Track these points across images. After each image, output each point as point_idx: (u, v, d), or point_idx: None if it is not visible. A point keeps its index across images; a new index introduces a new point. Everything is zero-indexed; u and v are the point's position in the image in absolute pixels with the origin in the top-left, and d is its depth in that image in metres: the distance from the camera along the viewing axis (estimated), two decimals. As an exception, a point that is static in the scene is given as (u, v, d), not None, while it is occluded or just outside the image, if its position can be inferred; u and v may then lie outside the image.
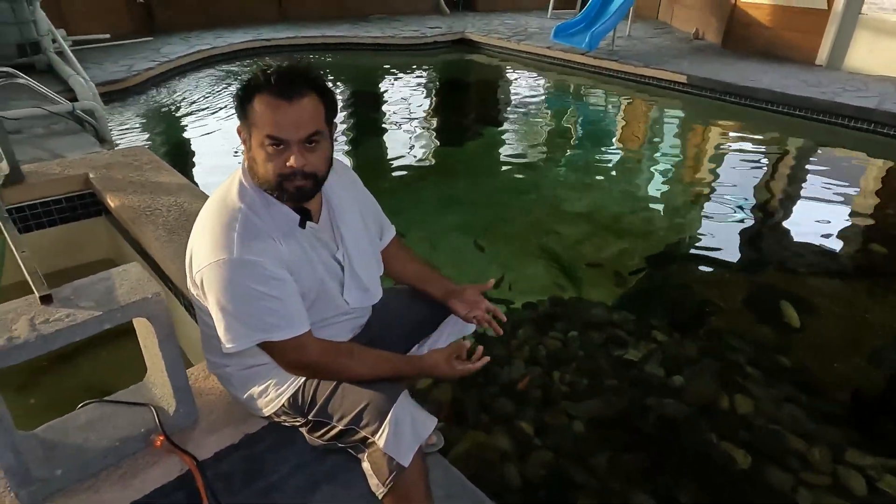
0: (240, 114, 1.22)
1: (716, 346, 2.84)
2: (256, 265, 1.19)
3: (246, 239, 1.19)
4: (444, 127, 6.29)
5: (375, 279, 1.48)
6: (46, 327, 1.16)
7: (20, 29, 5.68)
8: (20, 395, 2.23)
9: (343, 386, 1.29)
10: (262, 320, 1.21)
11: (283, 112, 1.16)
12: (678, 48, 7.72)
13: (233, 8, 9.46)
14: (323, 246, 1.35)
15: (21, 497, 1.23)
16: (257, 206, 1.25)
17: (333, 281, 1.37)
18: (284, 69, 1.19)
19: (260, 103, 1.17)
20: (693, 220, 4.18)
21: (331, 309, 1.38)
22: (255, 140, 1.20)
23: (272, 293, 1.21)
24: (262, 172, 1.21)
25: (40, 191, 2.79)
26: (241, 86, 1.21)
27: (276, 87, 1.16)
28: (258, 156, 1.21)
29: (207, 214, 1.26)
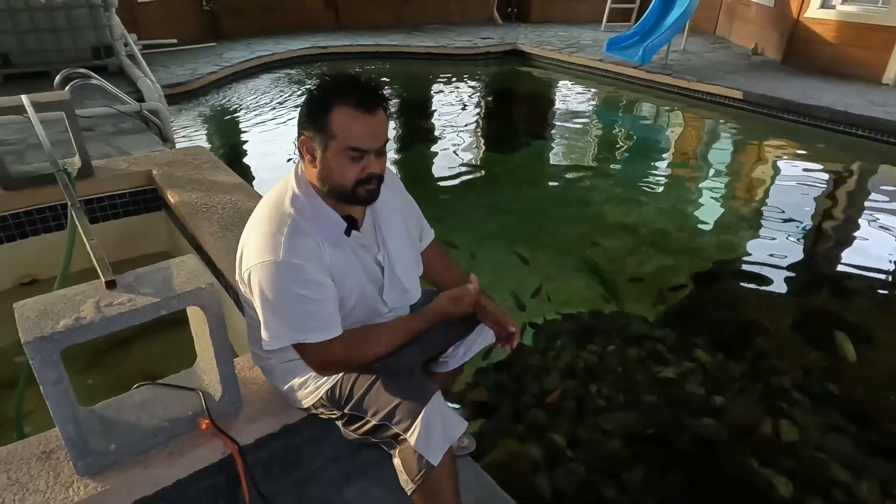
0: (310, 123, 1.25)
1: (761, 368, 2.76)
2: (300, 268, 1.25)
3: (292, 243, 1.25)
4: (491, 136, 6.33)
5: (415, 280, 1.52)
6: (110, 310, 1.25)
7: (96, 33, 6.04)
8: (83, 375, 2.38)
9: (379, 382, 1.34)
10: (300, 322, 1.27)
11: (366, 124, 1.23)
12: (735, 64, 7.53)
13: (293, 16, 9.78)
14: (365, 250, 1.40)
15: (79, 467, 1.32)
16: (307, 213, 1.30)
17: (374, 283, 1.42)
18: (364, 83, 1.24)
19: (343, 115, 1.22)
20: (743, 239, 4.06)
21: (371, 309, 1.43)
22: (333, 149, 1.24)
23: (312, 296, 1.26)
24: (340, 180, 1.27)
25: (108, 185, 2.97)
26: (314, 96, 1.25)
27: (358, 100, 1.22)
28: (336, 164, 1.25)
29: (259, 216, 1.33)
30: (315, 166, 1.29)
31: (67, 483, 1.32)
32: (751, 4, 8.38)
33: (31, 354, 1.16)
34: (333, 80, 1.24)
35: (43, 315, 1.22)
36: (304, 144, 1.28)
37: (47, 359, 1.18)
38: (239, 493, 1.43)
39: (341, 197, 1.30)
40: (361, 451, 1.64)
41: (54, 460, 1.37)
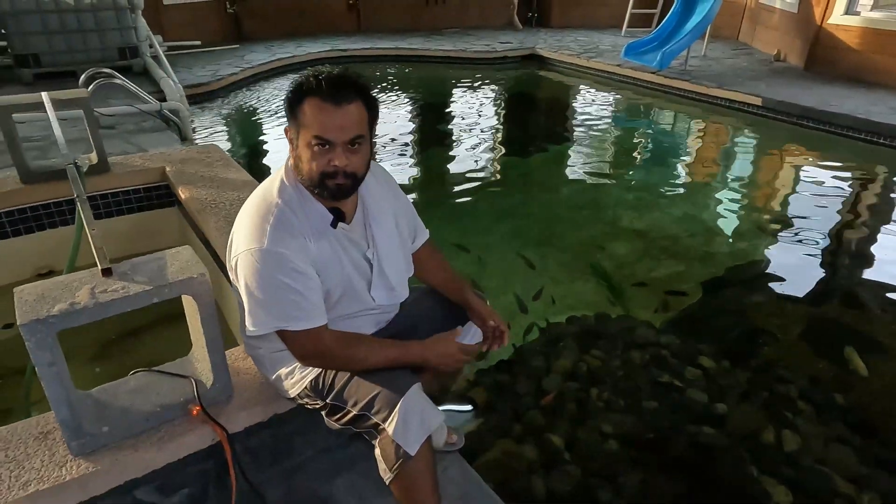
0: (289, 114, 1.31)
1: (766, 377, 2.72)
2: (283, 257, 1.28)
3: (277, 232, 1.29)
4: (507, 140, 6.34)
5: (403, 280, 1.54)
6: (104, 296, 1.29)
7: (122, 34, 6.20)
8: (88, 363, 2.45)
9: (359, 374, 1.36)
10: (283, 310, 1.30)
11: (331, 115, 1.25)
12: (756, 70, 7.43)
13: (315, 20, 9.92)
14: (353, 245, 1.43)
15: (73, 447, 1.36)
16: (294, 203, 1.34)
17: (361, 279, 1.44)
18: (334, 76, 1.27)
19: (310, 106, 1.26)
20: (757, 247, 4.00)
21: (358, 305, 1.46)
22: (302, 139, 1.29)
23: (294, 285, 1.29)
24: (307, 170, 1.30)
25: (122, 180, 3.05)
26: (291, 88, 1.30)
27: (325, 91, 1.25)
28: (304, 154, 1.30)
29: (249, 206, 1.37)
30: (292, 156, 1.34)
31: (61, 462, 1.37)
32: (774, 10, 8.26)
33: (26, 336, 1.21)
34: (310, 73, 1.28)
35: (40, 299, 1.27)
36: (287, 134, 1.34)
37: (42, 341, 1.23)
38: (227, 479, 1.46)
39: (311, 188, 1.33)
40: (350, 444, 1.66)
41: (51, 440, 1.42)
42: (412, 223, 1.65)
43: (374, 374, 1.35)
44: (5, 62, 6.16)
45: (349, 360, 1.37)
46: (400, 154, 5.63)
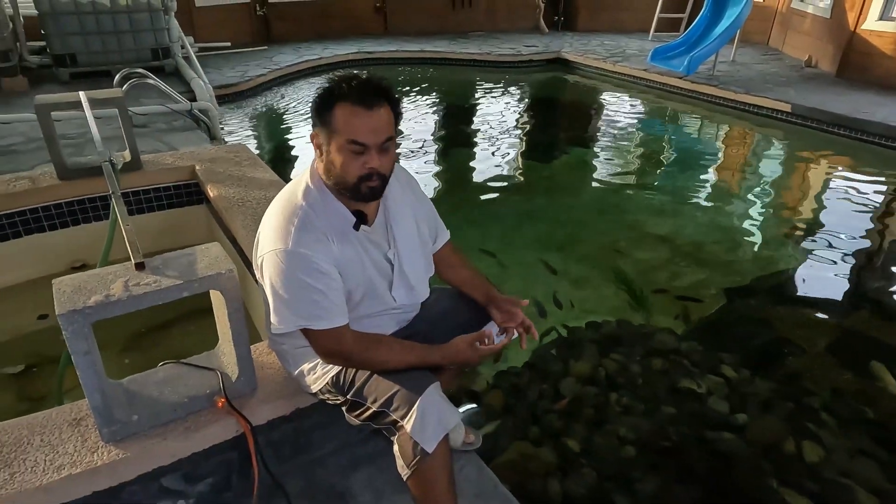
0: (318, 120, 1.34)
1: (790, 388, 2.68)
2: (307, 258, 1.32)
3: (301, 233, 1.32)
4: (531, 143, 6.33)
5: (423, 279, 1.57)
6: (137, 289, 1.34)
7: (155, 35, 6.36)
8: (120, 355, 2.53)
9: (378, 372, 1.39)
10: (306, 309, 1.34)
11: (364, 119, 1.29)
12: (786, 76, 7.31)
13: (343, 22, 10.03)
14: (375, 246, 1.46)
15: (104, 434, 1.42)
16: (318, 206, 1.37)
17: (382, 279, 1.47)
18: (363, 81, 1.31)
19: (342, 111, 1.29)
20: (784, 256, 3.95)
21: (379, 304, 1.49)
22: (335, 144, 1.32)
23: (317, 285, 1.33)
24: (342, 174, 1.33)
25: (154, 178, 3.13)
26: (320, 94, 1.33)
27: (357, 96, 1.28)
28: (338, 159, 1.32)
29: (274, 208, 1.41)
30: (322, 161, 1.36)
31: (93, 448, 1.42)
32: (806, 15, 8.12)
33: (63, 326, 1.27)
34: (340, 79, 1.31)
35: (77, 290, 1.32)
36: (315, 139, 1.36)
37: (78, 330, 1.28)
38: (250, 470, 1.50)
39: (345, 191, 1.36)
40: (369, 440, 1.69)
41: (83, 427, 1.48)
42: (433, 224, 1.67)
43: (394, 373, 1.38)
44: (44, 61, 6.36)
45: (369, 361, 1.40)
46: (424, 156, 5.67)
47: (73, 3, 5.86)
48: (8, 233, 2.84)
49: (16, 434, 1.45)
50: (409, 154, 5.64)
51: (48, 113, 2.78)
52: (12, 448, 1.41)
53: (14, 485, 1.32)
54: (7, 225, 2.82)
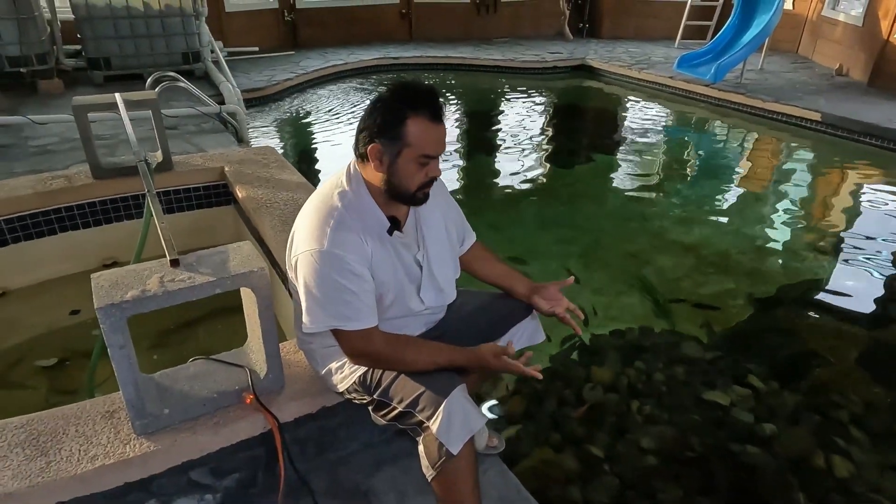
0: (384, 133, 1.33)
1: (818, 400, 2.63)
2: (341, 259, 1.34)
3: (337, 235, 1.34)
4: (554, 150, 6.32)
5: (451, 281, 1.59)
6: (172, 285, 1.37)
7: (186, 40, 6.49)
8: (152, 350, 2.58)
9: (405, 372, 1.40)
10: (338, 310, 1.36)
11: (437, 133, 1.34)
12: (816, 84, 7.19)
13: (369, 28, 10.13)
14: (405, 249, 1.48)
15: (136, 426, 1.45)
16: (353, 209, 1.40)
17: (411, 281, 1.49)
18: (433, 95, 1.34)
19: (416, 125, 1.31)
20: (812, 267, 3.87)
21: (408, 306, 1.51)
22: (405, 157, 1.34)
23: (350, 286, 1.35)
24: (406, 184, 1.37)
25: (184, 179, 3.20)
26: (386, 108, 1.33)
27: (430, 111, 1.32)
28: (406, 170, 1.35)
29: (309, 208, 1.43)
30: (381, 171, 1.37)
31: (126, 440, 1.45)
32: (837, 23, 7.99)
33: (101, 319, 1.30)
34: (406, 91, 1.33)
35: (115, 285, 1.36)
36: (375, 151, 1.36)
37: (115, 324, 1.32)
38: (276, 466, 1.52)
39: (401, 199, 1.40)
40: (393, 440, 1.71)
41: (116, 419, 1.51)
42: (461, 227, 1.69)
43: (421, 373, 1.39)
44: (79, 64, 6.54)
45: (397, 362, 1.42)
46: (448, 161, 5.69)
47: (108, 8, 6.02)
48: (44, 230, 2.92)
49: (52, 424, 1.49)
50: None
51: (85, 114, 2.85)
52: (49, 437, 1.45)
53: (50, 473, 1.35)
54: (43, 222, 2.91)
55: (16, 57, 5.67)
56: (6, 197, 2.80)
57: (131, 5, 6.12)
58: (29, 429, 1.48)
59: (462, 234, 1.70)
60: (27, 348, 2.63)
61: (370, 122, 1.35)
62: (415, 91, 1.32)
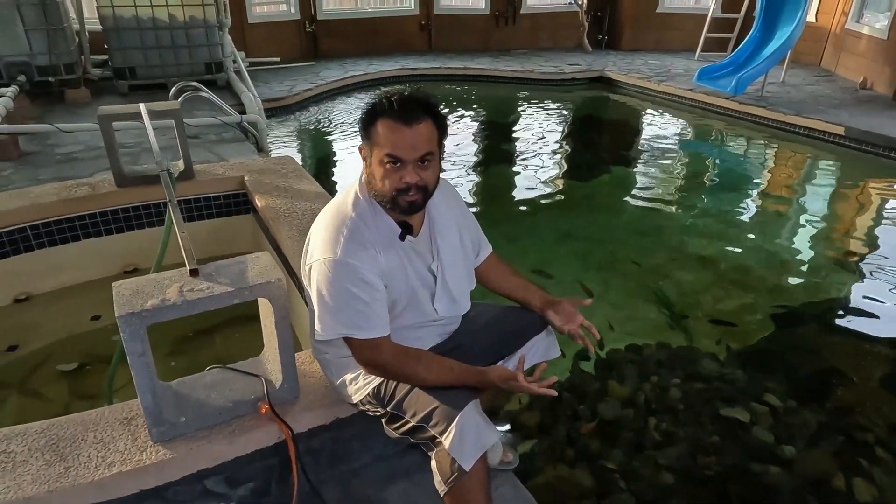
0: (363, 134, 1.40)
1: (841, 421, 2.58)
2: (354, 268, 1.35)
3: (350, 244, 1.36)
4: (572, 162, 6.30)
5: (465, 292, 1.59)
6: (191, 294, 1.39)
7: (209, 50, 6.61)
8: (169, 358, 2.61)
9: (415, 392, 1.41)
10: (349, 318, 1.37)
11: (403, 135, 1.33)
12: (839, 98, 7.10)
13: (388, 39, 10.23)
14: (419, 257, 1.48)
15: (153, 434, 1.47)
16: (366, 217, 1.41)
17: (425, 290, 1.49)
18: (405, 97, 1.35)
19: (383, 126, 1.33)
20: (834, 284, 3.80)
21: (421, 315, 1.51)
22: (375, 157, 1.37)
23: (361, 295, 1.36)
24: (380, 187, 1.38)
25: (205, 187, 3.25)
26: (365, 109, 1.38)
27: (397, 112, 1.32)
28: (377, 172, 1.37)
29: (324, 217, 1.45)
30: (366, 172, 1.42)
31: (143, 447, 1.47)
32: (861, 36, 7.89)
33: (122, 327, 1.32)
34: (384, 95, 1.36)
35: (135, 294, 1.38)
36: (361, 152, 1.42)
37: (135, 332, 1.33)
38: (289, 477, 1.53)
39: (384, 203, 1.40)
40: (406, 453, 1.70)
41: (133, 426, 1.53)
42: (476, 238, 1.69)
43: (435, 388, 1.39)
44: (105, 74, 6.69)
45: (405, 375, 1.42)
46: (465, 171, 5.71)
47: (135, 19, 6.16)
48: (68, 236, 2.98)
49: (71, 430, 1.51)
50: (450, 168, 5.69)
51: (110, 123, 2.91)
52: (68, 443, 1.47)
53: (68, 478, 1.37)
54: (67, 229, 2.96)
55: (45, 66, 5.82)
56: (32, 204, 2.86)
57: (157, 17, 6.25)
58: (49, 434, 1.50)
59: (478, 246, 1.70)
60: (49, 352, 2.67)
61: (358, 125, 1.41)
62: (390, 94, 1.35)
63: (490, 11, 10.59)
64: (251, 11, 8.69)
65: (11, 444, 1.46)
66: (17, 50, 5.65)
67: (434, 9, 10.38)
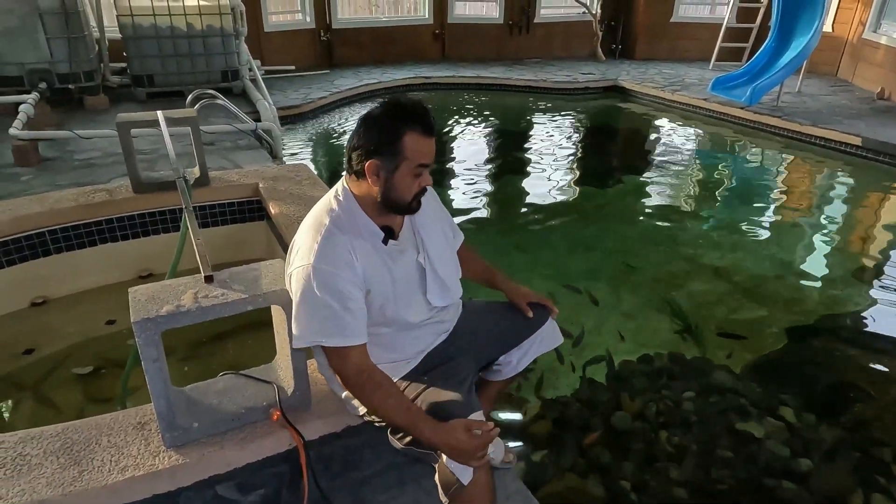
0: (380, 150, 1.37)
1: (858, 437, 2.54)
2: (326, 274, 1.36)
3: (324, 251, 1.37)
4: (585, 171, 6.29)
5: (455, 278, 1.63)
6: (205, 301, 1.40)
7: (226, 59, 6.69)
8: (182, 363, 2.63)
9: (423, 396, 1.43)
10: (321, 325, 1.37)
11: (430, 145, 1.40)
12: (856, 108, 7.03)
13: (402, 48, 10.29)
14: (403, 256, 1.51)
15: (166, 439, 1.48)
16: (342, 223, 1.42)
17: (415, 286, 1.52)
18: (423, 110, 1.39)
19: (411, 139, 1.36)
20: (851, 296, 3.75)
21: (416, 313, 1.53)
22: (402, 170, 1.38)
23: (333, 303, 1.36)
24: (403, 195, 1.41)
25: (220, 194, 3.28)
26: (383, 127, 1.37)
27: (423, 125, 1.38)
28: (404, 181, 1.40)
29: (304, 226, 1.47)
30: (378, 186, 1.40)
31: (155, 452, 1.48)
32: (879, 46, 7.82)
33: (137, 333, 1.33)
34: (399, 108, 1.38)
35: (151, 299, 1.40)
36: (372, 167, 1.39)
37: (150, 338, 1.35)
38: (300, 484, 1.53)
39: (397, 209, 1.44)
40: (416, 462, 1.69)
41: (147, 431, 1.54)
42: (451, 225, 1.75)
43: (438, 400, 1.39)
44: (123, 81, 6.79)
45: (361, 396, 1.42)
46: (478, 180, 5.72)
47: (153, 28, 6.26)
48: (84, 241, 3.02)
49: (86, 433, 1.53)
50: (463, 177, 5.70)
51: (128, 130, 2.96)
52: (82, 447, 1.48)
53: (82, 482, 1.38)
54: (85, 234, 3.01)
55: (65, 74, 5.92)
56: (50, 209, 2.91)
57: (175, 25, 6.34)
58: (64, 437, 1.51)
59: (453, 234, 1.75)
60: (65, 355, 2.70)
61: (365, 140, 1.39)
62: (408, 107, 1.38)
63: (504, 21, 10.63)
64: (267, 20, 8.80)
65: (27, 447, 1.48)
66: (38, 58, 5.76)
67: (448, 18, 10.45)
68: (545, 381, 2.80)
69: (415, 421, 1.35)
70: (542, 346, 1.75)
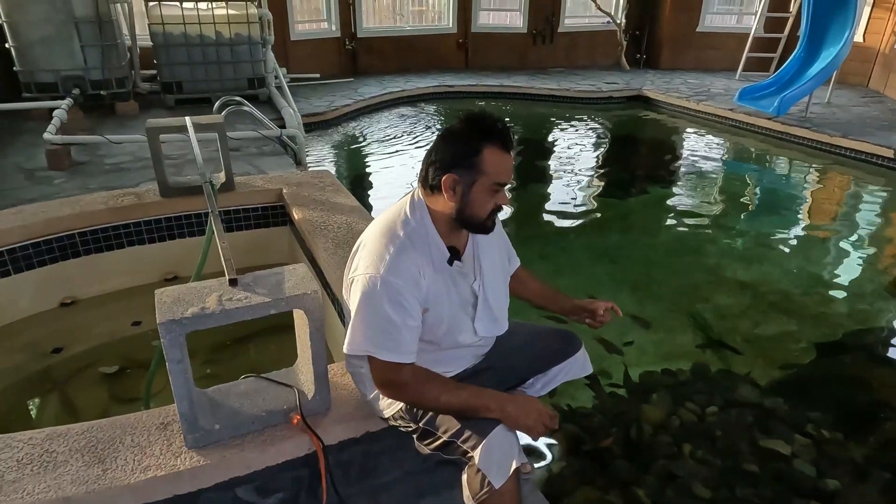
0: (461, 165, 1.36)
1: (888, 455, 2.46)
2: (394, 288, 1.35)
3: (396, 263, 1.36)
4: (608, 180, 6.25)
5: (504, 310, 1.59)
6: (230, 304, 1.42)
7: (253, 66, 6.81)
8: (205, 365, 2.66)
9: None
10: (378, 337, 1.37)
11: (508, 162, 1.38)
12: (888, 119, 6.87)
13: (426, 56, 10.37)
14: (463, 278, 1.49)
15: (188, 440, 1.49)
16: (416, 238, 1.41)
17: (466, 311, 1.49)
18: (504, 126, 1.37)
19: (490, 155, 1.35)
20: (882, 311, 3.66)
21: (460, 337, 1.50)
22: (480, 185, 1.37)
23: (394, 317, 1.35)
24: (479, 212, 1.40)
25: (244, 199, 3.32)
26: (465, 141, 1.36)
27: (503, 141, 1.36)
28: (480, 198, 1.38)
29: (373, 234, 1.45)
30: (454, 201, 1.39)
31: (177, 453, 1.49)
32: (913, 57, 7.66)
33: (162, 334, 1.35)
34: (480, 122, 1.36)
35: (176, 301, 1.42)
36: (449, 182, 1.37)
37: (175, 339, 1.37)
38: (318, 489, 1.53)
39: (472, 227, 1.42)
40: (436, 470, 1.69)
41: (169, 432, 1.56)
42: (509, 251, 1.72)
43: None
44: (153, 88, 6.95)
45: (424, 398, 1.41)
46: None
47: (183, 36, 6.40)
48: (113, 244, 3.08)
49: (110, 433, 1.55)
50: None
51: (157, 136, 3.02)
52: (106, 445, 1.51)
53: (105, 480, 1.40)
54: (113, 236, 3.07)
55: (98, 80, 6.08)
56: (81, 212, 2.97)
57: (204, 34, 6.48)
58: (89, 436, 1.54)
59: (508, 259, 1.73)
60: (92, 355, 2.76)
61: (444, 154, 1.37)
62: (489, 122, 1.36)
63: (527, 30, 10.65)
64: (294, 29, 8.94)
65: (53, 444, 1.51)
66: (73, 65, 5.92)
67: (472, 27, 10.50)
68: (565, 392, 2.77)
69: (470, 401, 1.36)
70: (568, 375, 1.72)
